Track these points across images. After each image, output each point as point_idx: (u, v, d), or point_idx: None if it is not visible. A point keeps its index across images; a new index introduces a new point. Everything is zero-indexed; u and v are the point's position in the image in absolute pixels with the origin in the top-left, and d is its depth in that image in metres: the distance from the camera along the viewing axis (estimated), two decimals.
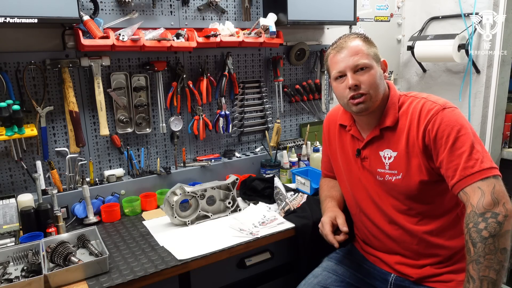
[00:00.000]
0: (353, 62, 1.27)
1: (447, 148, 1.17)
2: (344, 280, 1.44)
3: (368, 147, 1.37)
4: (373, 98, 1.28)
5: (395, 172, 1.30)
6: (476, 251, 1.07)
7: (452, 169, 1.16)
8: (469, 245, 1.09)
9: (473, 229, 1.09)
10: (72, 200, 1.68)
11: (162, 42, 1.73)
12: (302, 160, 2.21)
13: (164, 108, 1.92)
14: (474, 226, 1.09)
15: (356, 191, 1.45)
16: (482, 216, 1.08)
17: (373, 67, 1.28)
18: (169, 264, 1.31)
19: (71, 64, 1.67)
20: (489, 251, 1.06)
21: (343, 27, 2.40)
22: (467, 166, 1.13)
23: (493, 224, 1.07)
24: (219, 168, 2.06)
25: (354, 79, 1.26)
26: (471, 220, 1.10)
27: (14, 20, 1.35)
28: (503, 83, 2.44)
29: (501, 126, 2.55)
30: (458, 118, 1.19)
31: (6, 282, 1.21)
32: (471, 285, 1.08)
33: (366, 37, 1.33)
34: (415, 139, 1.25)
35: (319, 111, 2.49)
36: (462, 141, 1.16)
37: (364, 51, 1.28)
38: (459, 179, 1.14)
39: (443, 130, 1.18)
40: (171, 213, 1.59)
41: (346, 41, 1.31)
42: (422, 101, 1.27)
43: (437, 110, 1.21)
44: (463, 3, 2.40)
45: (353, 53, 1.27)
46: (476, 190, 1.11)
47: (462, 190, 1.14)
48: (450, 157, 1.17)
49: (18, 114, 1.52)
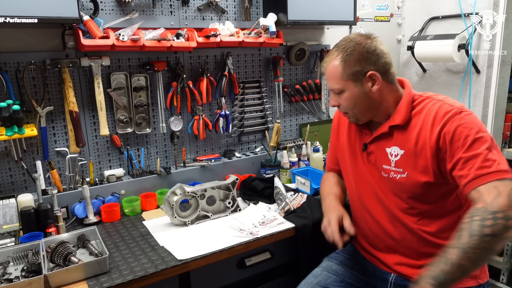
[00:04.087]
0: (329, 86, 1.34)
1: (464, 148, 1.16)
2: (344, 280, 1.44)
3: (375, 142, 1.37)
4: (357, 114, 1.33)
5: (401, 170, 1.30)
6: (469, 242, 1.05)
7: (467, 168, 1.14)
8: (463, 233, 1.07)
9: (477, 222, 1.06)
10: (72, 200, 1.68)
11: (162, 42, 1.73)
12: (302, 160, 2.21)
13: (164, 108, 1.92)
14: (480, 220, 1.06)
15: (360, 186, 1.45)
16: (493, 214, 1.05)
17: (349, 89, 1.28)
18: (169, 264, 1.31)
19: (71, 64, 1.67)
20: (481, 248, 1.04)
21: (343, 27, 2.40)
22: (484, 166, 1.12)
23: (501, 225, 1.04)
24: (219, 168, 2.06)
25: (334, 100, 1.35)
26: (479, 213, 1.07)
27: (14, 20, 1.35)
28: (503, 83, 2.44)
29: (501, 126, 2.54)
30: (476, 121, 1.19)
31: (6, 282, 1.21)
32: (442, 266, 1.07)
33: (347, 55, 1.26)
34: (426, 140, 1.23)
35: (319, 111, 2.49)
36: (480, 143, 1.15)
37: (338, 74, 1.28)
38: (474, 177, 1.12)
39: (461, 132, 1.17)
40: (171, 213, 1.59)
41: (326, 61, 1.33)
42: (439, 103, 1.24)
43: (454, 112, 1.20)
44: (463, 3, 2.40)
45: (329, 77, 1.32)
46: (492, 189, 1.09)
47: (475, 188, 1.11)
48: (467, 157, 1.15)
49: (18, 114, 1.52)
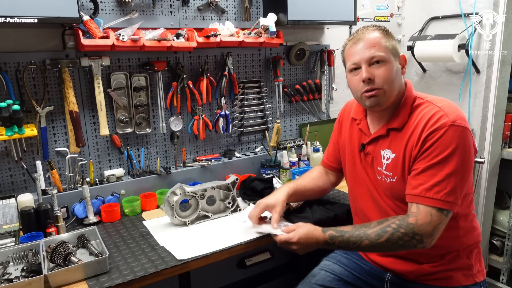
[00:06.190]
0: (369, 55, 1.22)
1: (429, 163, 1.18)
2: (342, 279, 1.44)
3: (372, 144, 1.36)
4: (387, 93, 1.24)
5: (390, 174, 1.29)
6: (380, 239, 1.18)
7: (420, 181, 1.19)
8: (385, 235, 1.18)
9: (399, 234, 1.17)
10: (72, 200, 1.68)
11: (162, 42, 1.73)
12: (302, 160, 2.21)
13: (164, 108, 1.92)
14: (402, 233, 1.17)
15: (355, 186, 1.46)
16: (414, 236, 1.17)
17: (390, 61, 1.23)
18: (169, 264, 1.31)
19: (71, 64, 1.67)
20: (384, 249, 1.22)
21: (343, 27, 2.40)
22: (433, 189, 1.16)
23: (412, 244, 1.17)
24: (219, 168, 2.06)
25: (368, 72, 1.22)
26: (406, 229, 1.17)
27: (14, 20, 1.35)
28: (503, 83, 2.44)
29: (501, 126, 2.55)
30: (460, 139, 1.16)
31: (6, 282, 1.21)
32: (346, 234, 1.22)
33: (385, 30, 1.28)
34: (414, 145, 1.22)
35: (319, 111, 2.49)
36: (445, 165, 1.16)
37: (382, 44, 1.23)
38: (419, 194, 1.18)
39: (437, 146, 1.17)
40: (171, 213, 1.59)
41: (364, 32, 1.27)
42: (436, 109, 1.22)
43: (444, 124, 1.17)
44: (463, 3, 2.40)
45: (370, 45, 1.23)
46: (428, 215, 1.17)
47: (417, 204, 1.19)
48: (425, 171, 1.18)
49: (18, 114, 1.52)
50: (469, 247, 1.31)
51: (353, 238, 1.21)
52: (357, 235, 1.21)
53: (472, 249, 1.32)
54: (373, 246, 1.19)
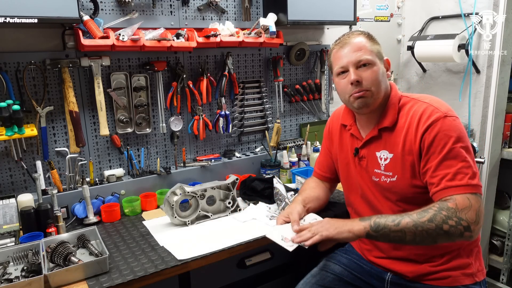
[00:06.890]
0: (356, 58, 1.26)
1: (440, 157, 1.18)
2: (342, 279, 1.44)
3: (366, 147, 1.38)
4: (374, 95, 1.28)
5: (390, 174, 1.30)
6: (424, 223, 1.13)
7: (439, 177, 1.18)
8: (425, 215, 1.14)
9: (442, 216, 1.12)
10: (72, 200, 1.68)
11: (162, 42, 1.73)
12: (302, 160, 2.22)
13: (164, 108, 1.92)
14: (445, 216, 1.12)
15: (351, 192, 1.47)
16: (459, 219, 1.12)
17: (376, 64, 1.28)
18: (169, 264, 1.31)
19: (71, 64, 1.67)
20: (429, 234, 1.13)
21: (343, 27, 2.40)
22: (455, 178, 1.16)
23: (459, 231, 1.12)
24: (219, 168, 2.06)
25: (356, 75, 1.26)
26: (447, 211, 1.13)
27: (14, 20, 1.35)
28: (503, 83, 2.44)
29: (501, 126, 2.55)
30: (457, 128, 1.19)
31: (6, 282, 1.21)
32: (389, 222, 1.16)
33: (369, 35, 1.33)
34: (412, 142, 1.24)
35: (319, 111, 2.49)
36: (456, 153, 1.17)
37: (368, 47, 1.28)
38: (444, 187, 1.17)
39: (440, 139, 1.19)
40: (171, 213, 1.59)
41: (349, 37, 1.31)
42: (425, 105, 1.25)
43: (438, 117, 1.20)
44: (463, 3, 2.40)
45: (356, 49, 1.27)
46: (465, 200, 1.14)
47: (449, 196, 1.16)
48: (440, 165, 1.18)
49: (18, 114, 1.52)
50: (468, 246, 1.32)
51: (392, 217, 1.19)
52: (397, 215, 1.19)
53: (471, 248, 1.33)
54: (415, 225, 1.14)
